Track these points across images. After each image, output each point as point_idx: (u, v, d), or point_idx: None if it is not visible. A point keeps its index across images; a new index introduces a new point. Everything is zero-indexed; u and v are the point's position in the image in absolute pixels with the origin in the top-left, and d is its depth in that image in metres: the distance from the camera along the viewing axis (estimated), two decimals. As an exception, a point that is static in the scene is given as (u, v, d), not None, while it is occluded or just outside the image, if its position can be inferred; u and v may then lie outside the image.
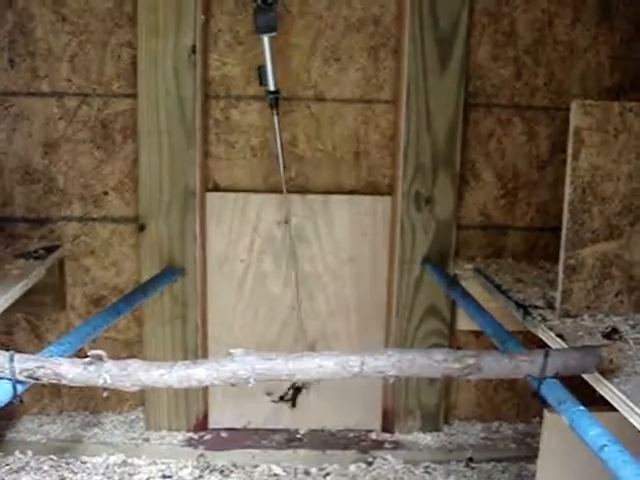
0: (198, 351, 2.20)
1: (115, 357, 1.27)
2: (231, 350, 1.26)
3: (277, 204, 2.21)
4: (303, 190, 2.24)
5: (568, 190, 1.60)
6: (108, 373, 1.24)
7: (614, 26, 2.20)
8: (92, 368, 1.24)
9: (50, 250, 2.11)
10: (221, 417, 2.32)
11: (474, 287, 2.04)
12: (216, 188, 2.23)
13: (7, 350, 1.26)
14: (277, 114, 2.07)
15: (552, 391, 1.29)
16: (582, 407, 1.21)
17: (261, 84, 2.06)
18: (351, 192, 2.25)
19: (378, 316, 2.29)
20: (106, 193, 2.22)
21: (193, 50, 2.06)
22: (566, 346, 1.45)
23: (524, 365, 1.31)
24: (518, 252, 2.28)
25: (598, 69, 2.22)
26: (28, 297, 1.88)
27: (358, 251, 2.26)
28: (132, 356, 1.37)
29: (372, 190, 2.26)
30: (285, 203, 2.18)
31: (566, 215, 1.61)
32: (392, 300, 2.23)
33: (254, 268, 2.25)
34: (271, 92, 2.05)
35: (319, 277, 2.26)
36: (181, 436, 2.25)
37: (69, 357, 1.37)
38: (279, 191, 2.17)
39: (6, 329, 2.26)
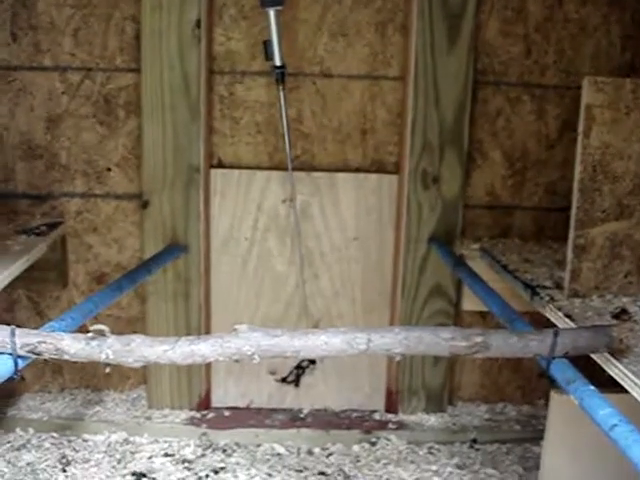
0: (201, 329, 2.19)
1: (118, 334, 1.25)
2: (236, 326, 1.24)
3: (282, 182, 2.18)
4: (309, 167, 2.21)
5: (578, 168, 1.58)
6: (111, 348, 1.22)
7: (625, 4, 2.16)
8: (94, 343, 1.22)
9: (52, 226, 2.09)
10: (224, 396, 2.31)
11: (480, 267, 2.01)
12: (220, 164, 2.21)
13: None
14: (283, 90, 2.04)
15: (561, 371, 1.27)
16: (592, 387, 1.20)
17: (267, 59, 2.02)
18: (357, 170, 2.23)
19: (383, 295, 2.27)
20: (109, 169, 2.19)
21: (197, 25, 2.03)
22: (575, 326, 1.43)
23: (533, 344, 1.29)
24: (525, 232, 2.25)
25: (609, 48, 2.18)
26: (30, 274, 1.87)
27: (364, 230, 2.23)
28: (135, 333, 1.35)
29: (378, 168, 2.23)
30: (290, 181, 2.15)
31: (576, 194, 1.59)
32: (398, 279, 2.21)
33: (258, 246, 2.23)
34: (277, 67, 2.02)
35: (324, 256, 2.24)
36: (183, 414, 2.24)
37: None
38: (284, 168, 2.15)
39: (7, 306, 2.25)
